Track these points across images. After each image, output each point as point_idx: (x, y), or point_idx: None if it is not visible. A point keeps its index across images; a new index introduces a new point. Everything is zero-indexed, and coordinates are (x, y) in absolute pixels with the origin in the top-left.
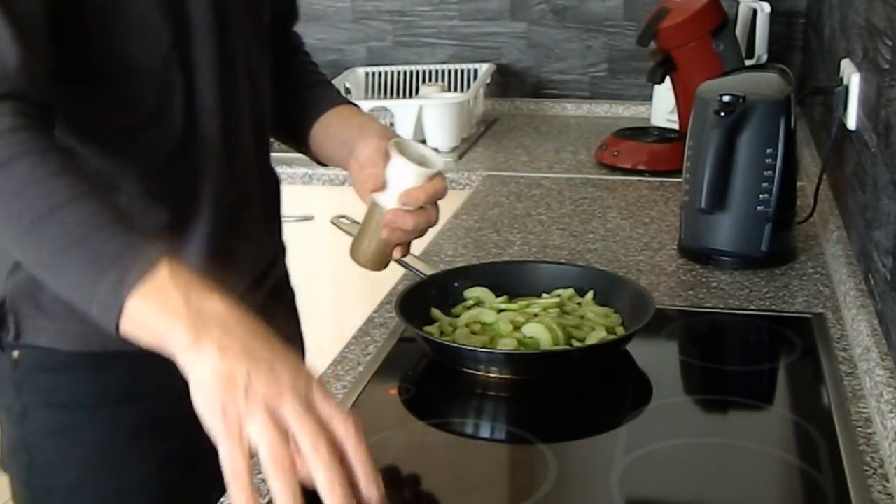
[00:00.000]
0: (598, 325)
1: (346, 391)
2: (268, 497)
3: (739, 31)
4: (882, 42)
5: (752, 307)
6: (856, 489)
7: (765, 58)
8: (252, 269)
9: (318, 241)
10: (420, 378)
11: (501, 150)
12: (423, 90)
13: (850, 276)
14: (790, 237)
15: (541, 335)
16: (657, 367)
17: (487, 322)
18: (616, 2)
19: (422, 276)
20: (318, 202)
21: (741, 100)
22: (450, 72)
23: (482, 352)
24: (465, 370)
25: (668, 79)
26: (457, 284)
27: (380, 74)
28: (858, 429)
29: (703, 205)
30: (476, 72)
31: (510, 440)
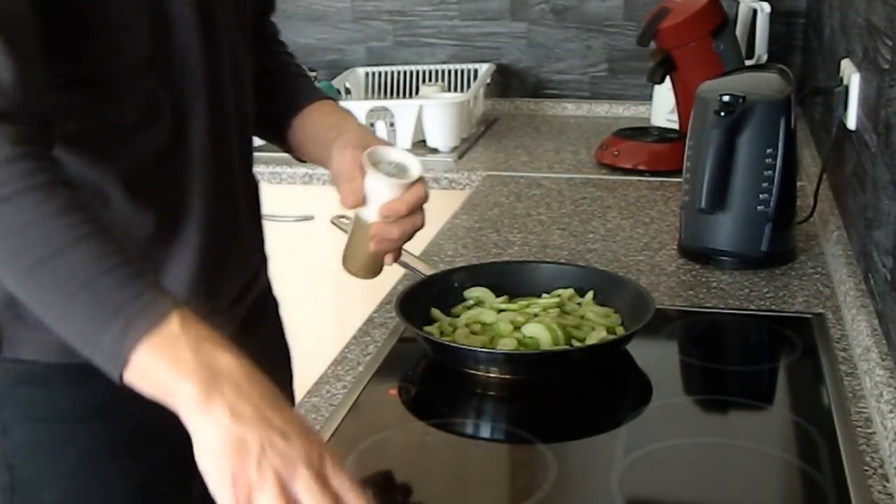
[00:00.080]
0: (598, 325)
1: (346, 391)
2: None
3: (739, 31)
4: (882, 42)
5: (752, 307)
6: (856, 489)
7: (765, 58)
8: (241, 276)
9: (318, 241)
10: (420, 378)
11: (501, 150)
12: (423, 90)
13: (850, 276)
14: (790, 237)
15: (541, 335)
16: (657, 367)
17: (487, 322)
18: (616, 2)
19: (422, 276)
20: (318, 202)
21: (741, 100)
22: (450, 72)
23: (482, 352)
24: (465, 370)
25: (668, 79)
26: (457, 284)
27: (380, 74)
28: (858, 429)
29: (703, 205)
30: (476, 72)
31: (510, 440)
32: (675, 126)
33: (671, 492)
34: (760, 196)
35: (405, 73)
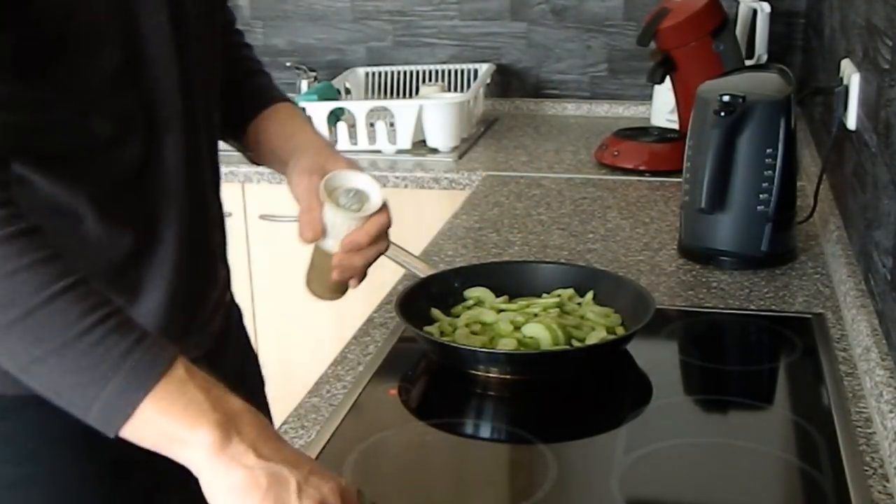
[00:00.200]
0: (598, 325)
1: (346, 391)
2: None
3: (739, 31)
4: (882, 42)
5: (752, 307)
6: (856, 489)
7: (765, 58)
8: (214, 288)
9: None
10: (420, 378)
11: (501, 150)
12: (423, 90)
13: (850, 276)
14: (790, 237)
15: (541, 335)
16: (657, 367)
17: (487, 322)
18: (616, 2)
19: (422, 276)
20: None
21: (741, 100)
22: (450, 72)
23: (482, 352)
24: (465, 370)
25: (668, 79)
26: (457, 284)
27: (380, 74)
28: (858, 429)
29: (703, 205)
30: (476, 72)
31: (510, 440)
32: (675, 126)
33: (671, 492)
34: (760, 196)
35: (405, 73)
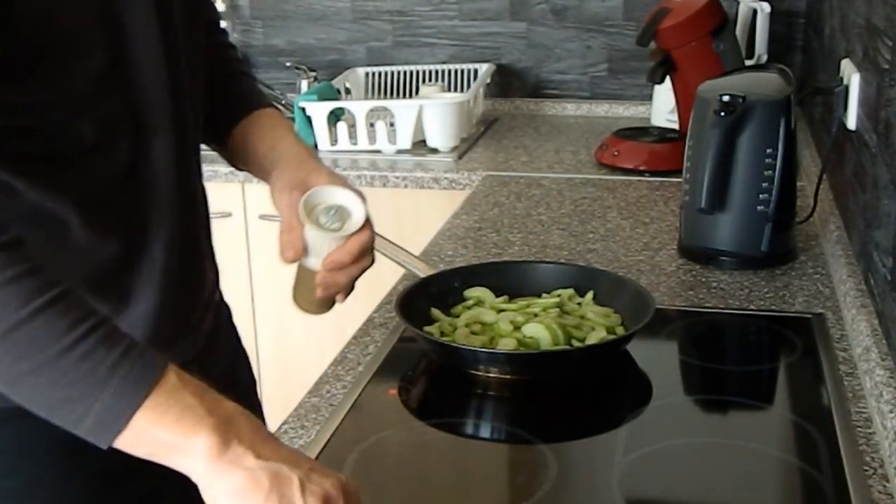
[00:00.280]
0: (598, 325)
1: (346, 391)
2: None
3: (739, 31)
4: (882, 42)
5: (752, 307)
6: (856, 489)
7: (765, 58)
8: (204, 288)
9: None
10: (420, 378)
11: (501, 150)
12: (423, 90)
13: (850, 276)
14: (790, 237)
15: (541, 335)
16: (657, 367)
17: (487, 322)
18: (616, 2)
19: (422, 276)
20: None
21: (741, 100)
22: (450, 72)
23: (482, 352)
24: (466, 370)
25: (668, 79)
26: (457, 284)
27: (380, 74)
28: (858, 429)
29: (703, 205)
30: (476, 72)
31: (510, 440)
32: (675, 126)
33: (671, 492)
34: (760, 196)
35: (405, 73)
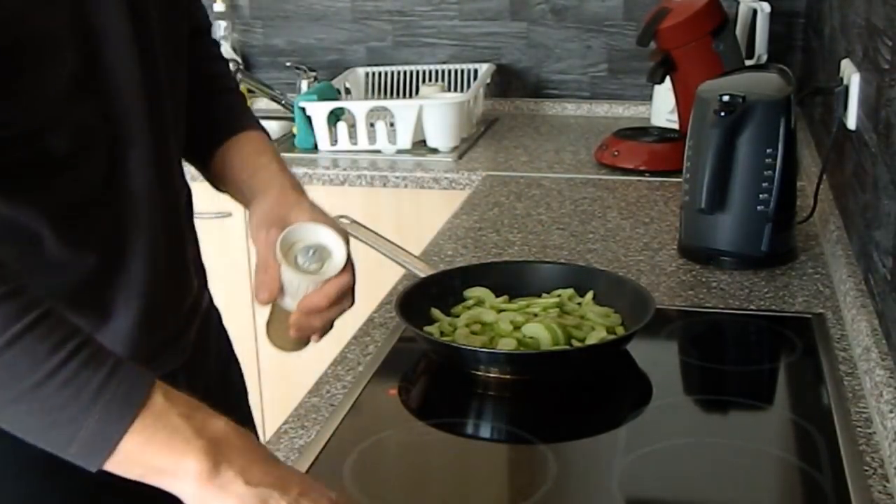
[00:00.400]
0: (598, 325)
1: (346, 391)
2: None
3: (739, 31)
4: (882, 42)
5: (752, 307)
6: (856, 489)
7: (765, 58)
8: (189, 296)
9: None
10: (420, 378)
11: (501, 150)
12: (423, 90)
13: (850, 276)
14: (790, 237)
15: (541, 335)
16: (657, 367)
17: (487, 322)
18: (616, 2)
19: (422, 276)
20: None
21: (741, 100)
22: (450, 72)
23: (482, 352)
24: (465, 370)
25: (668, 79)
26: (457, 284)
27: (380, 74)
28: (858, 429)
29: (703, 205)
30: (476, 72)
31: (510, 440)
32: (675, 126)
33: (671, 492)
34: (760, 196)
35: (405, 73)
